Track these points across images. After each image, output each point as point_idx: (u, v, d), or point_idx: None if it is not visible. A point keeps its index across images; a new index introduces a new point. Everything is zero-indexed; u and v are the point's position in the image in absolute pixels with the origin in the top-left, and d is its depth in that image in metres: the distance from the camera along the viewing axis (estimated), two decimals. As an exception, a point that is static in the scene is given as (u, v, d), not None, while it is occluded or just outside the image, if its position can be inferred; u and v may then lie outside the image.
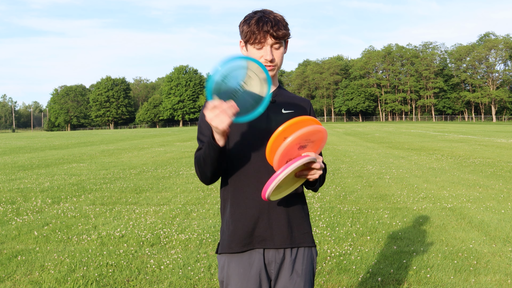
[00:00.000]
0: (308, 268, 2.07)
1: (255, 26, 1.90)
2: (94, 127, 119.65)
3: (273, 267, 2.01)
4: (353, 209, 7.28)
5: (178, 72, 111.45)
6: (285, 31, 1.93)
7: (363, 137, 30.77)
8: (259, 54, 1.95)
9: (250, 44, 1.95)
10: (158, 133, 50.75)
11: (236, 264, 1.99)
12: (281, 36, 1.92)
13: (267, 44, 1.93)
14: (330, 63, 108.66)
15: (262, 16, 1.91)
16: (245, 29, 1.93)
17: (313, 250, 2.11)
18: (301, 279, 2.03)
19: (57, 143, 32.34)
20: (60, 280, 4.30)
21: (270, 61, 1.95)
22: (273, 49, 1.95)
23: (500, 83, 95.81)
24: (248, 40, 1.94)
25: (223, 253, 2.03)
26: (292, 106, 2.10)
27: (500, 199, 7.96)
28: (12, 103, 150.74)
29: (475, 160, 14.17)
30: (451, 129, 44.95)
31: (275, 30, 1.90)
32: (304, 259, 2.05)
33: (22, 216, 7.18)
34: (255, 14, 1.94)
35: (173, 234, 5.86)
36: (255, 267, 1.99)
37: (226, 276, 2.02)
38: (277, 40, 1.93)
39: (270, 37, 1.91)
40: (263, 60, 1.95)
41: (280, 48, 1.97)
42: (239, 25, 1.99)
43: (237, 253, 1.99)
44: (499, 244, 5.28)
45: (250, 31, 1.91)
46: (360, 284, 4.15)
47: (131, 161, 16.51)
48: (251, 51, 1.96)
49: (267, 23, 1.89)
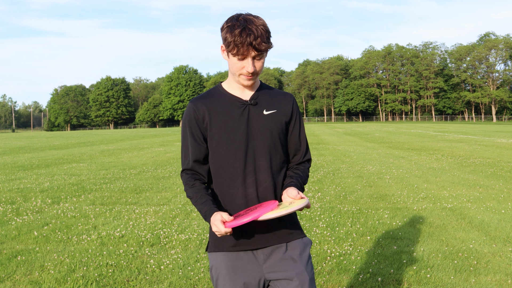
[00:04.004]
0: (304, 253, 2.09)
1: (238, 38, 1.88)
2: (94, 127, 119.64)
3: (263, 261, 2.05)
4: (353, 209, 7.27)
5: (178, 72, 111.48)
6: (267, 44, 1.93)
7: (363, 137, 30.76)
8: (240, 64, 1.95)
9: (232, 55, 1.94)
10: (158, 133, 50.75)
11: (225, 258, 2.04)
12: (264, 49, 1.92)
13: (249, 56, 1.93)
14: (330, 63, 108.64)
15: (245, 27, 1.88)
16: (228, 37, 1.91)
17: (304, 239, 2.14)
18: (298, 264, 2.05)
19: (57, 143, 32.34)
20: (60, 280, 4.30)
21: (251, 73, 1.96)
22: (255, 61, 1.96)
23: (500, 83, 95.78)
24: (230, 51, 1.93)
25: (212, 251, 2.09)
26: (274, 105, 2.10)
27: (500, 199, 7.95)
28: (12, 103, 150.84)
29: (475, 160, 14.17)
30: (451, 129, 44.95)
31: (258, 44, 1.89)
32: (296, 246, 2.08)
33: (22, 216, 7.18)
34: (238, 21, 1.90)
35: (173, 234, 5.85)
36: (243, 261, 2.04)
37: (215, 270, 2.07)
38: (259, 53, 1.93)
39: (253, 50, 1.90)
40: (244, 71, 1.96)
41: (262, 59, 1.97)
42: (221, 28, 1.96)
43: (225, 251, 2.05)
44: (499, 244, 5.28)
45: (233, 42, 1.89)
46: (360, 284, 4.15)
47: (131, 161, 16.51)
48: (233, 60, 1.96)
49: (250, 35, 1.87)
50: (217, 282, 2.05)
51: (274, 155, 2.07)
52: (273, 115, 2.08)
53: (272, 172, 2.05)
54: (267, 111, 2.08)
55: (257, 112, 2.06)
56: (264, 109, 2.07)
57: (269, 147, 2.05)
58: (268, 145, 2.05)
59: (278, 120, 2.08)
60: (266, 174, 2.04)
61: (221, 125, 2.03)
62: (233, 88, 2.08)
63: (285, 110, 2.12)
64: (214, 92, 2.11)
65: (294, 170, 2.15)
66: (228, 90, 2.09)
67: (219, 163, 2.05)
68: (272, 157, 2.06)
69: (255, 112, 2.06)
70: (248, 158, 2.02)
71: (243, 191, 2.02)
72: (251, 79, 2.00)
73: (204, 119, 2.04)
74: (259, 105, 2.08)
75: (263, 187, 2.03)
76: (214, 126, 2.03)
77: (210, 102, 2.07)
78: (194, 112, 2.06)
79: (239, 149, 2.02)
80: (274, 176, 2.06)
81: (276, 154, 2.08)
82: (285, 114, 2.11)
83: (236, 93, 2.08)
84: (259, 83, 2.13)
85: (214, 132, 2.03)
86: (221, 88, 2.11)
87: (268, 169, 2.04)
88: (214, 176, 2.09)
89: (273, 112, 2.08)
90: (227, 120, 2.03)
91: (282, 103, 2.12)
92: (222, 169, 2.05)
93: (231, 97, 2.07)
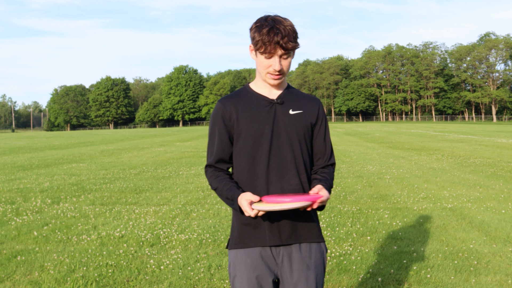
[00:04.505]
0: (318, 261, 2.12)
1: (266, 37, 1.94)
2: (94, 127, 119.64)
3: (281, 262, 2.07)
4: (353, 209, 7.27)
5: (178, 72, 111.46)
6: (295, 43, 1.98)
7: (363, 137, 30.76)
8: (267, 63, 2.01)
9: (260, 53, 2.00)
10: (158, 133, 50.76)
11: (243, 256, 2.06)
12: (291, 48, 1.98)
13: (276, 54, 1.98)
14: (330, 63, 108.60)
15: (273, 27, 1.95)
16: (256, 36, 1.98)
17: (321, 245, 2.16)
18: (311, 272, 2.08)
19: (57, 143, 32.34)
20: (60, 280, 4.29)
21: (278, 71, 2.01)
22: (282, 59, 2.00)
23: (501, 83, 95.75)
24: (258, 49, 1.99)
25: (232, 248, 2.11)
26: (301, 106, 2.14)
27: (500, 199, 7.95)
28: (12, 103, 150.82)
29: (476, 160, 14.16)
30: (451, 129, 44.95)
31: (285, 42, 1.95)
32: (313, 253, 2.11)
33: (22, 216, 7.17)
34: (266, 21, 1.97)
35: (173, 234, 5.85)
36: (262, 260, 2.06)
37: (233, 268, 2.09)
38: (286, 51, 1.98)
39: (280, 48, 1.96)
40: (271, 69, 2.01)
41: (288, 58, 2.02)
42: (250, 29, 2.04)
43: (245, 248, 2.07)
44: (500, 244, 5.27)
45: (261, 41, 1.96)
46: (360, 284, 4.14)
47: (131, 161, 16.51)
48: (260, 59, 2.02)
49: (277, 34, 1.94)
50: (234, 279, 2.08)
51: (299, 154, 2.09)
52: (299, 116, 2.11)
53: (296, 170, 2.07)
54: (293, 111, 2.11)
55: (284, 111, 2.10)
56: (290, 109, 2.11)
57: (294, 146, 2.08)
58: (293, 144, 2.08)
59: (304, 121, 2.11)
60: (290, 173, 2.07)
61: (248, 122, 2.07)
62: (260, 87, 2.13)
63: (311, 112, 2.15)
64: (242, 92, 2.16)
65: (321, 174, 2.17)
66: (255, 90, 2.14)
67: (243, 160, 2.09)
68: (296, 156, 2.08)
69: (282, 111, 2.10)
70: (272, 156, 2.06)
71: (266, 188, 2.05)
72: (277, 78, 2.04)
73: (231, 117, 2.09)
74: (286, 104, 2.11)
75: (286, 185, 2.06)
76: (240, 124, 2.08)
77: (238, 101, 2.12)
78: (222, 110, 2.11)
79: (264, 146, 2.06)
80: (298, 174, 2.08)
81: (301, 153, 2.10)
82: (311, 116, 2.14)
83: (263, 92, 2.13)
84: (287, 84, 2.17)
85: (241, 129, 2.08)
86: (248, 88, 2.17)
87: (292, 166, 2.07)
88: (238, 173, 2.12)
89: (299, 112, 2.12)
90: (253, 118, 2.08)
91: (308, 105, 2.16)
92: (246, 166, 2.08)
93: (258, 96, 2.12)
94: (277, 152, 2.06)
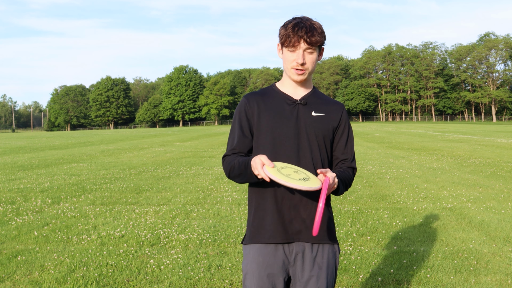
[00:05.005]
0: (330, 262, 2.13)
1: (290, 30, 2.00)
2: (94, 127, 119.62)
3: (293, 261, 2.09)
4: (353, 209, 7.28)
5: (178, 72, 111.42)
6: (319, 38, 2.02)
7: (363, 137, 30.76)
8: (292, 57, 2.04)
9: (285, 47, 2.05)
10: (158, 133, 50.76)
11: (257, 253, 2.08)
12: (314, 42, 2.01)
13: (300, 48, 2.02)
14: (330, 63, 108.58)
15: (299, 22, 2.01)
16: (281, 32, 2.04)
17: (335, 246, 2.17)
18: (323, 272, 2.09)
19: (57, 143, 32.34)
20: (60, 280, 4.30)
21: (301, 64, 2.03)
22: (306, 53, 2.03)
23: (500, 83, 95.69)
24: (283, 43, 2.04)
25: (247, 244, 2.13)
26: (323, 109, 2.15)
27: (500, 199, 7.96)
28: (12, 103, 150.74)
29: (475, 160, 14.17)
30: (451, 129, 44.95)
31: (309, 36, 1.99)
32: (325, 253, 2.12)
33: (22, 216, 7.18)
34: (294, 19, 2.04)
35: (173, 234, 5.86)
36: (274, 258, 2.07)
37: (245, 265, 2.11)
38: (310, 46, 2.01)
39: (304, 41, 2.00)
40: (295, 63, 2.04)
41: (313, 54, 2.05)
42: (279, 29, 2.10)
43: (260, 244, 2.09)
44: (499, 244, 5.28)
45: (285, 35, 2.02)
46: (360, 284, 4.15)
47: (131, 161, 16.51)
48: (285, 54, 2.06)
49: (302, 29, 1.99)
50: (246, 276, 2.10)
51: (317, 156, 2.10)
52: (321, 118, 2.13)
53: (314, 171, 2.07)
54: (316, 113, 2.13)
55: (306, 112, 2.12)
56: (313, 111, 2.13)
57: (313, 147, 2.09)
58: (312, 145, 2.09)
59: (325, 124, 2.13)
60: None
61: (269, 120, 2.10)
62: (286, 86, 2.16)
63: (334, 116, 2.16)
64: (268, 90, 2.20)
65: (339, 169, 2.16)
66: (281, 89, 2.18)
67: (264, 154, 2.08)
68: (314, 156, 2.09)
69: (304, 111, 2.12)
70: (291, 155, 2.07)
71: (281, 186, 2.05)
72: (301, 74, 2.07)
73: (254, 113, 2.12)
74: (309, 105, 2.13)
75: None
76: (262, 121, 2.10)
77: (262, 98, 2.15)
78: (245, 105, 2.14)
79: (284, 145, 2.08)
80: (315, 175, 2.06)
81: (319, 155, 2.11)
82: (334, 120, 2.15)
83: (288, 91, 2.16)
84: (312, 87, 2.20)
85: (262, 126, 2.10)
86: (274, 86, 2.20)
87: (311, 166, 2.08)
88: None
89: (321, 115, 2.14)
90: (275, 116, 2.10)
91: (331, 108, 2.17)
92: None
93: (282, 95, 2.15)
94: (295, 152, 2.07)
